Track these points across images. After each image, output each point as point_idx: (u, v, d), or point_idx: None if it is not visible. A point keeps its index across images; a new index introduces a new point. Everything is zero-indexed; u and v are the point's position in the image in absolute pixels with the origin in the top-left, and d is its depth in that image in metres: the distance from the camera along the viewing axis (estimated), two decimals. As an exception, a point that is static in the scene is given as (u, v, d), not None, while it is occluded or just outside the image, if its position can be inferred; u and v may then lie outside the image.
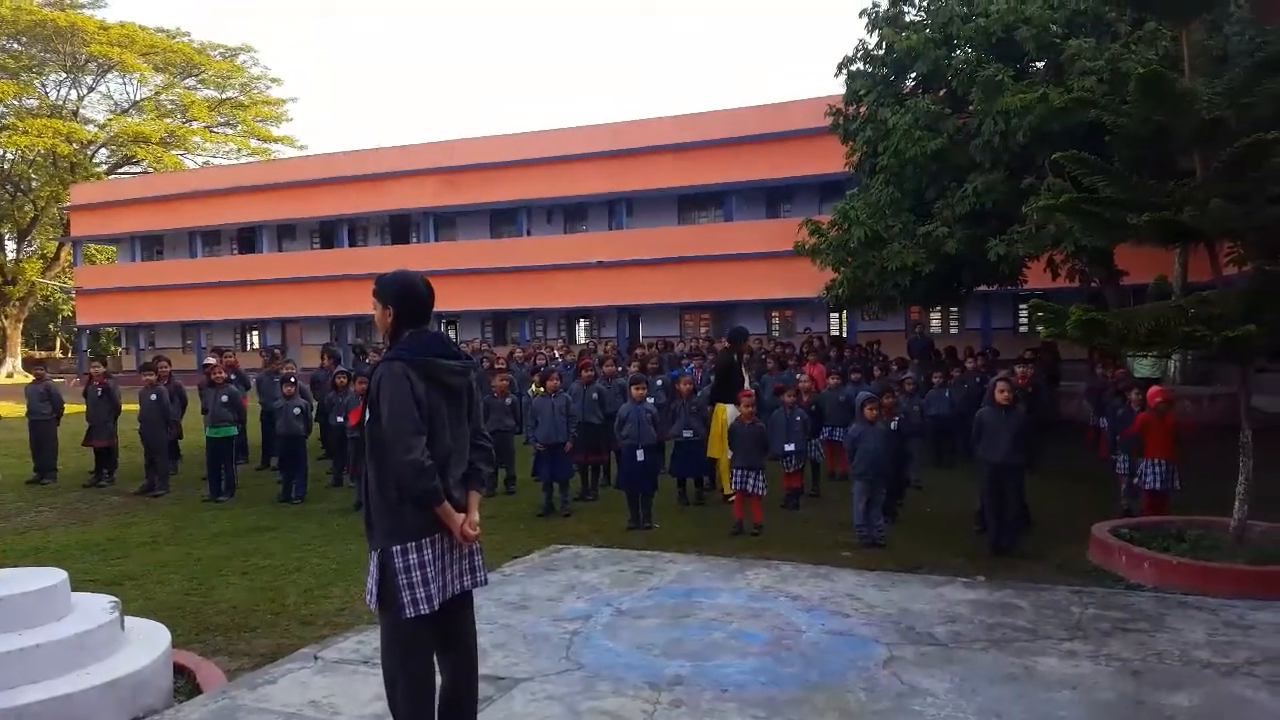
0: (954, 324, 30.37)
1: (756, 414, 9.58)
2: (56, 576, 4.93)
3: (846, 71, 17.14)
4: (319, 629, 6.24)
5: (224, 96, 53.07)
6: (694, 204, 34.34)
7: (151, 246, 43.64)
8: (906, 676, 4.99)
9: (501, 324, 37.15)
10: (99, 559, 8.51)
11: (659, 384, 12.43)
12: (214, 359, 13.80)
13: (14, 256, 53.68)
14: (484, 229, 37.16)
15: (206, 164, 52.02)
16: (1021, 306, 27.95)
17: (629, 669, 5.15)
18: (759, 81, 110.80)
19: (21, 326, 53.39)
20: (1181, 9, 7.89)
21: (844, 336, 27.64)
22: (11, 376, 46.09)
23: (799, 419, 10.19)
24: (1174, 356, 15.91)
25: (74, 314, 48.08)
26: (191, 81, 52.24)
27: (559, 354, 19.58)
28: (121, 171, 52.88)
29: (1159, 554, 7.22)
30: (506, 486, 11.55)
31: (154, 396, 12.25)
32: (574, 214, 36.14)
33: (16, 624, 4.56)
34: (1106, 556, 7.57)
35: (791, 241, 18.29)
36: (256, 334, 41.27)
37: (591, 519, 9.95)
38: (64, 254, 51.39)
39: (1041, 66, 14.67)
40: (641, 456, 9.50)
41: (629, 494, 9.62)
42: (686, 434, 10.29)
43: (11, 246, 54.27)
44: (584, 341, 34.01)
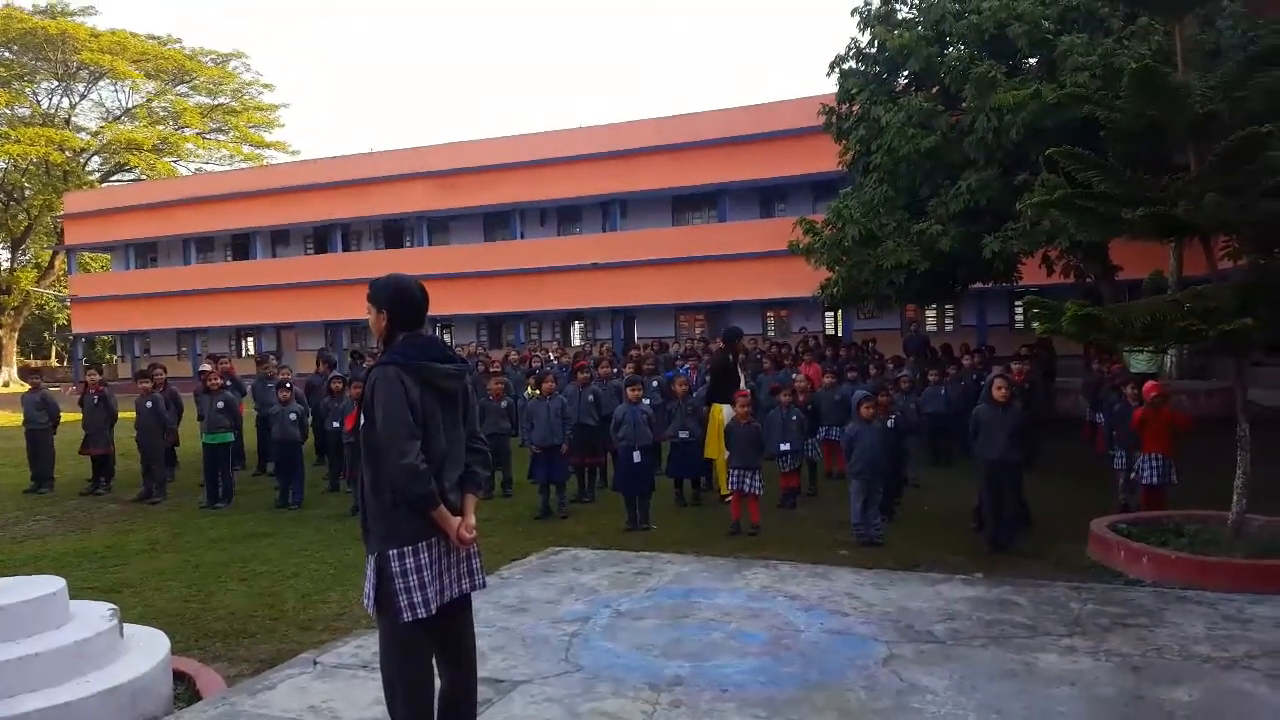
0: (949, 321, 30.42)
1: (753, 414, 9.59)
2: (55, 585, 4.92)
3: (839, 70, 17.17)
4: (318, 634, 6.23)
5: (216, 103, 52.99)
6: (688, 204, 34.35)
7: (145, 254, 43.61)
8: (906, 674, 4.99)
9: (496, 327, 37.15)
10: (97, 567, 8.50)
11: (654, 385, 12.42)
12: (210, 366, 13.76)
13: (8, 265, 53.64)
14: (478, 232, 37.16)
15: (199, 170, 52.04)
16: (1017, 303, 28.01)
17: (628, 670, 5.14)
18: (759, 81, 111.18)
19: (17, 336, 53.27)
20: (1174, 4, 7.89)
21: (839, 335, 27.70)
22: (7, 385, 46.04)
23: (795, 418, 10.20)
24: (1170, 351, 15.97)
25: (69, 322, 48.03)
26: (183, 88, 52.18)
27: (554, 356, 19.60)
28: (114, 179, 52.82)
29: (1157, 549, 7.23)
30: (503, 489, 11.56)
31: (150, 404, 12.26)
32: (568, 216, 36.15)
33: (15, 633, 4.56)
34: (1105, 552, 7.58)
35: (786, 241, 18.31)
36: (251, 340, 41.27)
37: (589, 521, 9.95)
38: (58, 262, 51.35)
39: (1034, 63, 14.68)
40: (638, 458, 9.50)
41: (626, 495, 9.61)
42: (682, 435, 10.29)
43: (5, 255, 54.35)
44: (579, 343, 34.03)
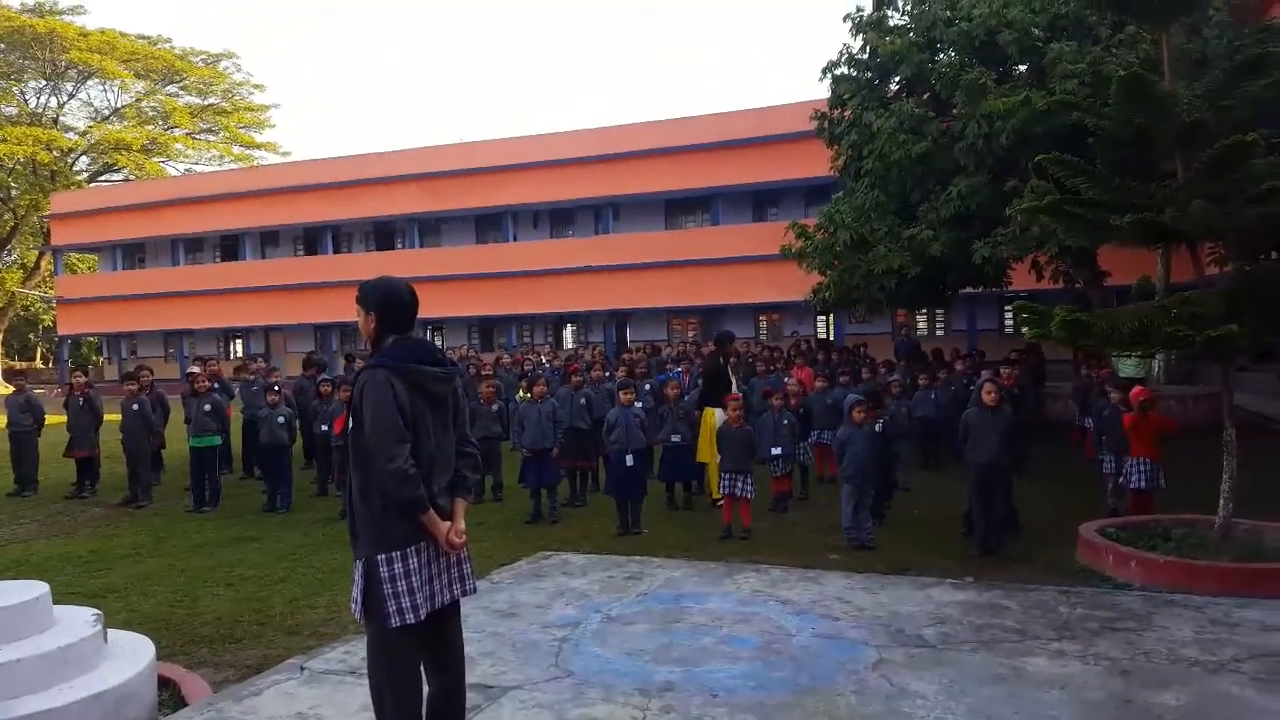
0: (940, 326, 30.51)
1: (744, 418, 9.59)
2: (38, 589, 4.87)
3: (831, 76, 17.21)
4: (305, 639, 6.20)
5: (206, 103, 52.81)
6: (680, 208, 34.37)
7: (133, 255, 43.36)
8: (896, 679, 4.99)
9: (488, 330, 37.09)
10: (81, 571, 8.44)
11: (647, 388, 12.42)
12: (197, 368, 13.70)
13: (-6, 266, 53.39)
14: (469, 234, 37.11)
15: (188, 171, 51.85)
16: (1007, 308, 28.11)
17: (619, 675, 5.12)
18: (760, 81, 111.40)
19: (1, 337, 52.99)
20: (1161, 12, 7.93)
21: (831, 339, 27.77)
22: (-8, 387, 45.80)
23: (787, 422, 10.20)
24: (1158, 356, 16.03)
25: (55, 324, 47.73)
26: (173, 88, 51.99)
27: (546, 359, 19.56)
28: (102, 179, 52.59)
29: (1146, 553, 7.25)
30: (494, 493, 11.53)
31: (136, 406, 12.19)
32: (560, 219, 36.13)
33: (-2, 638, 4.51)
34: (1094, 556, 7.60)
35: (778, 245, 18.35)
36: (240, 342, 41.09)
37: (580, 525, 9.93)
38: (44, 263, 51.06)
39: (1024, 70, 14.75)
40: (631, 461, 9.50)
41: (618, 499, 9.59)
42: (674, 438, 10.30)
43: (-9, 256, 53.98)
44: (571, 346, 34.00)
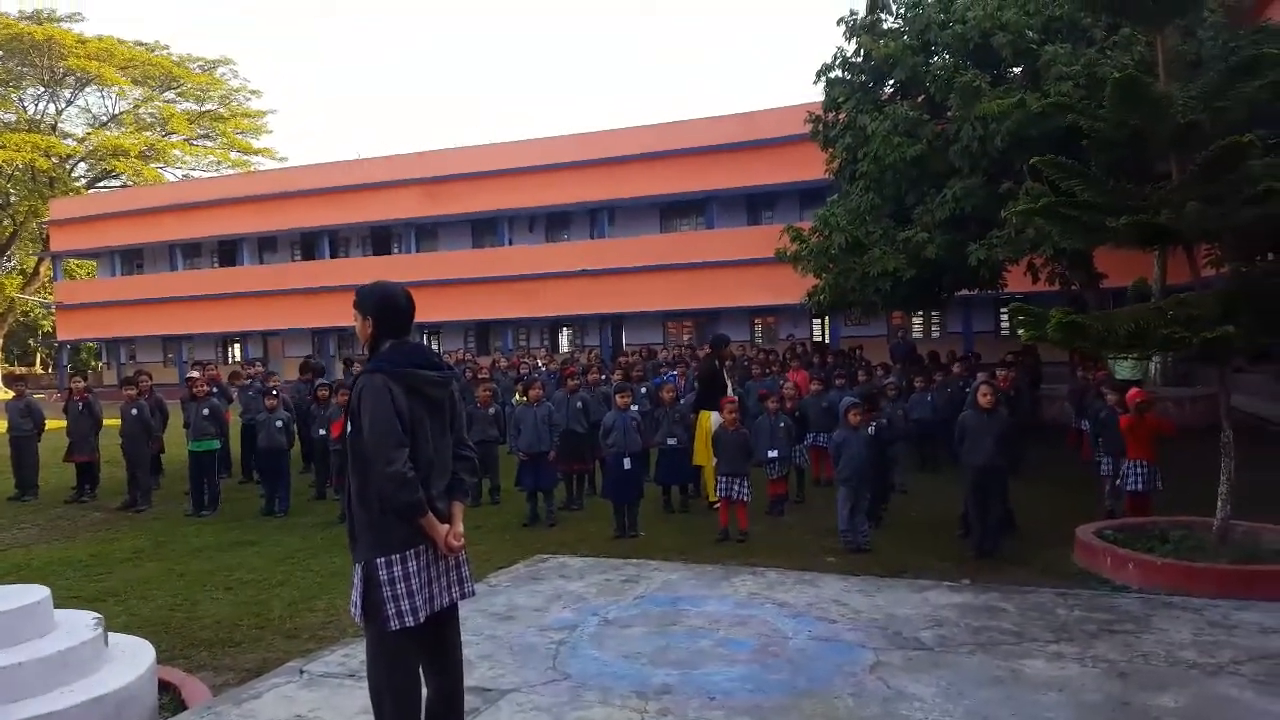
0: (935, 328, 30.52)
1: (740, 421, 9.60)
2: (39, 594, 4.89)
3: (825, 79, 17.23)
4: (304, 643, 6.21)
5: (203, 109, 52.77)
6: (675, 212, 34.39)
7: (131, 260, 43.36)
8: (893, 681, 5.00)
9: (484, 334, 37.07)
10: (81, 575, 8.45)
11: (643, 392, 12.43)
12: (196, 372, 13.72)
13: (-7, 272, 53.34)
14: (466, 239, 37.10)
15: (186, 177, 51.75)
16: (1002, 310, 28.09)
17: (616, 678, 5.14)
18: (760, 81, 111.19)
19: (1, 343, 52.94)
20: (1156, 14, 7.95)
21: (826, 342, 27.78)
22: (-9, 393, 45.75)
23: (783, 425, 10.21)
24: (1154, 358, 16.04)
25: (54, 329, 47.66)
26: (170, 94, 51.95)
27: (542, 363, 19.58)
28: (101, 185, 52.57)
29: (1143, 555, 7.27)
30: (491, 497, 11.55)
31: (135, 411, 12.20)
32: (556, 223, 36.13)
33: (-1, 642, 4.53)
34: (1091, 558, 7.61)
35: (773, 248, 18.38)
36: (238, 347, 41.05)
37: (576, 528, 9.94)
38: (43, 269, 50.98)
39: (1018, 72, 14.76)
40: (628, 464, 9.51)
41: (615, 502, 9.60)
42: (670, 442, 10.30)
43: (-10, 262, 53.94)
44: (567, 350, 34.01)
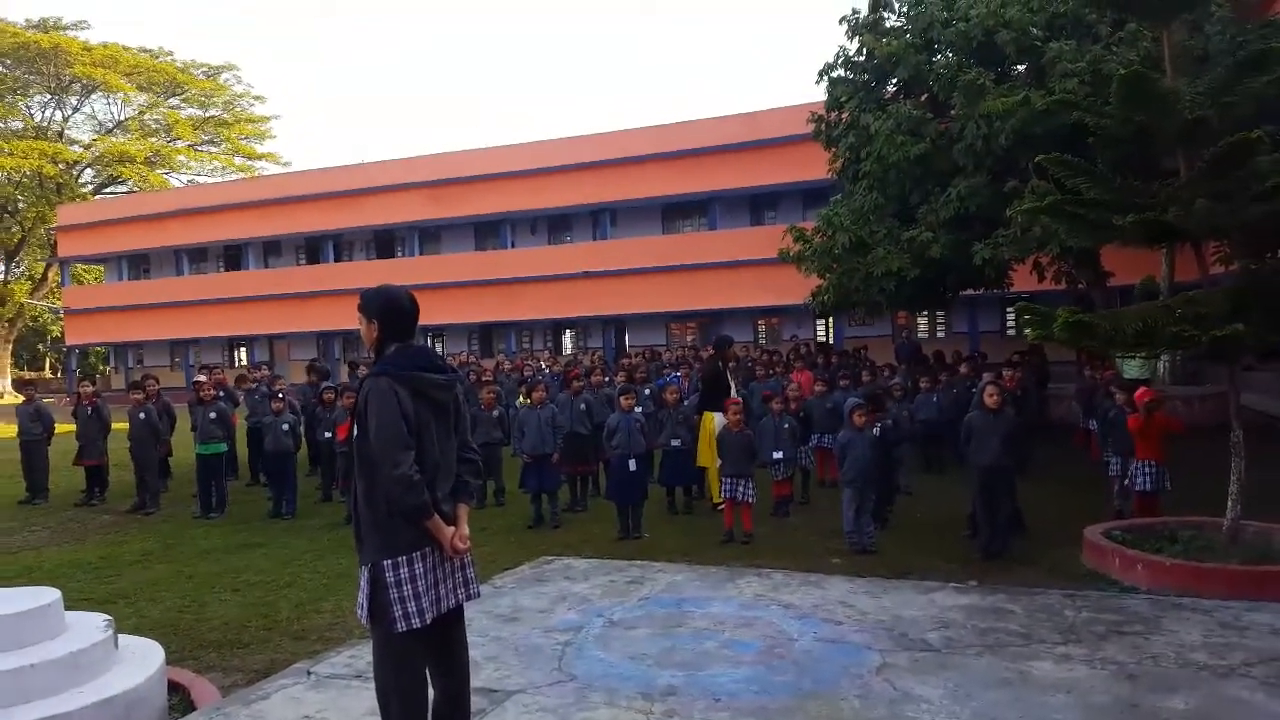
0: (941, 328, 30.45)
1: (745, 422, 9.58)
2: (50, 596, 4.92)
3: (828, 78, 17.20)
4: (311, 644, 6.21)
5: (207, 115, 52.94)
6: (678, 213, 34.37)
7: (138, 265, 43.56)
8: (900, 683, 4.98)
9: (488, 336, 37.10)
10: (92, 578, 8.47)
11: (646, 393, 12.42)
12: (203, 376, 13.74)
13: (2, 278, 53.41)
14: (469, 242, 37.14)
15: (191, 182, 51.93)
16: (1008, 309, 28.03)
17: (621, 680, 5.12)
18: (761, 81, 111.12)
19: (10, 347, 53.12)
20: (1162, 9, 7.90)
21: (831, 343, 27.74)
22: (2, 397, 45.76)
23: (787, 426, 10.20)
24: (1163, 357, 15.98)
25: (62, 334, 47.86)
26: (175, 100, 52.14)
27: (546, 365, 19.58)
28: (107, 191, 52.71)
29: (1152, 556, 7.21)
30: (496, 498, 11.55)
31: (143, 415, 12.22)
32: (558, 225, 36.16)
33: (10, 643, 4.56)
34: (1099, 559, 7.56)
35: (776, 248, 18.33)
36: (244, 350, 41.15)
37: (581, 530, 9.93)
38: (51, 274, 51.27)
39: (1023, 69, 14.70)
40: (633, 466, 9.51)
41: (620, 504, 9.59)
42: (674, 443, 10.29)
43: (0, 268, 54.09)
44: (570, 352, 34.01)
